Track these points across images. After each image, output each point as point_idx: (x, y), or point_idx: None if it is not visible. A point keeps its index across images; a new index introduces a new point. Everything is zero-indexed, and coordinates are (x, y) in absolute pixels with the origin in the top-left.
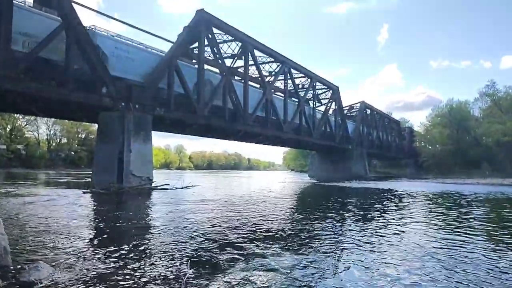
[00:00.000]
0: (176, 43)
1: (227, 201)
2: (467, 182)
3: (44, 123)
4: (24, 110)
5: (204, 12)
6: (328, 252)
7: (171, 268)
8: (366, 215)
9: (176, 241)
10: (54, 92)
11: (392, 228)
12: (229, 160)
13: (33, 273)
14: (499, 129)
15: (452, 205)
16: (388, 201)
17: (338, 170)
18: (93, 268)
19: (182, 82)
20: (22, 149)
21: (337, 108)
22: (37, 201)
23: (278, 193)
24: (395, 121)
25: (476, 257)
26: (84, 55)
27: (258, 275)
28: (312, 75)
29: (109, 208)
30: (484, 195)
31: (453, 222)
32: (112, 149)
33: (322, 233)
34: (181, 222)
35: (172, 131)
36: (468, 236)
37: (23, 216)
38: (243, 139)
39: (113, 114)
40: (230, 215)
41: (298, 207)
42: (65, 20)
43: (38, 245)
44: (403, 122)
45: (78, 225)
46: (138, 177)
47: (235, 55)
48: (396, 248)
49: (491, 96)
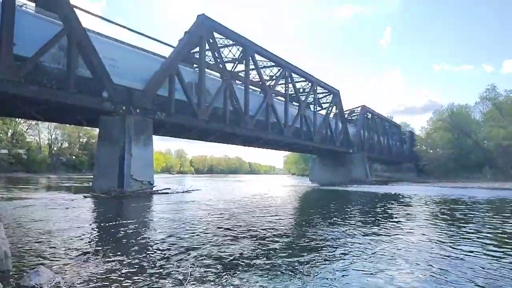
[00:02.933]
0: (177, 48)
1: (229, 206)
2: (468, 186)
3: (45, 127)
4: (25, 114)
5: (205, 17)
6: (329, 259)
7: (172, 272)
8: (367, 221)
9: (177, 244)
10: (54, 96)
11: (393, 234)
12: (229, 164)
13: (34, 278)
14: (500, 133)
15: (452, 209)
16: (389, 206)
17: (339, 174)
18: (94, 272)
19: (183, 86)
20: (24, 153)
21: (338, 112)
22: (38, 205)
23: (278, 197)
24: (396, 125)
25: (479, 263)
26: (85, 59)
27: (257, 279)
28: (313, 79)
29: (110, 212)
30: (485, 199)
31: (452, 227)
32: (113, 153)
33: (323, 238)
34: (182, 226)
35: (173, 135)
36: (469, 242)
37: (24, 221)
38: (244, 143)
39: (114, 118)
40: (232, 220)
41: (299, 212)
42: (66, 24)
43: (39, 250)
44: (404, 126)
45: (79, 229)
46: (139, 181)
47: (236, 60)
48: (398, 255)
49: (492, 100)
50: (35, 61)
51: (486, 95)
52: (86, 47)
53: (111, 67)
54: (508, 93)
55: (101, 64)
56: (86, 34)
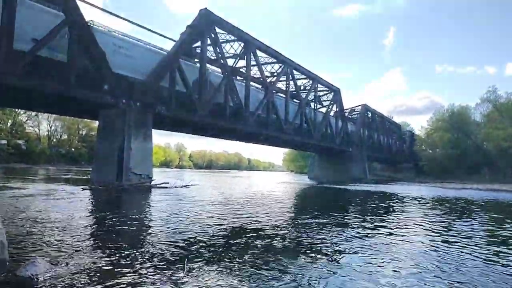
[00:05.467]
0: (179, 42)
1: (227, 201)
2: (466, 187)
3: (45, 119)
4: (25, 106)
5: (207, 11)
6: (325, 256)
7: (169, 264)
8: (364, 219)
9: (174, 238)
10: (55, 88)
11: (389, 232)
12: (229, 160)
13: (30, 268)
14: (500, 135)
15: (447, 210)
16: (386, 205)
17: (338, 172)
18: (90, 264)
19: (184, 80)
20: (23, 144)
21: (338, 110)
22: (36, 197)
23: (277, 194)
24: (396, 124)
25: (474, 263)
26: (86, 52)
27: (251, 275)
28: (314, 76)
29: (108, 205)
30: (482, 200)
31: (445, 227)
32: (112, 146)
33: (318, 236)
34: (180, 220)
35: (173, 130)
36: (462, 243)
37: (21, 211)
38: (244, 139)
39: (114, 111)
40: (230, 215)
41: (296, 209)
42: (68, 16)
43: (36, 240)
44: (404, 125)
45: (76, 221)
46: (137, 174)
47: (238, 55)
48: (394, 253)
49: (492, 101)
50: (35, 53)
51: (487, 97)
52: (87, 39)
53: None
54: (509, 95)
55: (102, 57)
56: (88, 26)
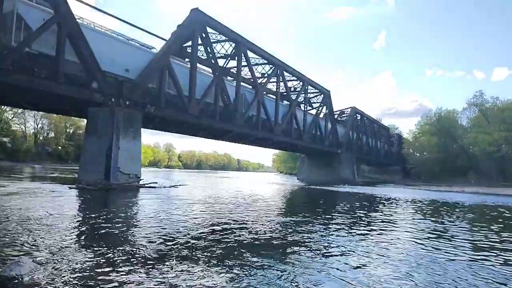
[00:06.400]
0: (169, 41)
1: (215, 202)
2: (453, 190)
3: (31, 116)
4: (12, 103)
5: (198, 11)
6: (311, 257)
7: (155, 264)
8: (349, 221)
9: (161, 237)
10: (44, 86)
11: (373, 234)
12: (218, 160)
13: (14, 268)
14: (486, 139)
15: (432, 212)
16: (372, 207)
17: (326, 174)
18: (75, 264)
19: (174, 80)
20: (8, 141)
21: (328, 112)
22: (21, 195)
23: (265, 195)
24: (384, 127)
25: (458, 265)
26: (75, 50)
27: (238, 273)
28: (305, 78)
29: (94, 204)
30: (467, 203)
31: (429, 228)
32: (100, 145)
33: (304, 236)
34: (166, 220)
35: (162, 129)
36: (445, 243)
37: (6, 211)
38: (233, 139)
39: (103, 109)
40: (217, 216)
41: (284, 209)
42: (57, 13)
43: (21, 240)
44: (392, 128)
45: (62, 221)
46: (125, 174)
47: (229, 56)
48: (377, 254)
49: (479, 106)
50: (22, 49)
51: (474, 101)
52: (76, 36)
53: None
54: (495, 100)
55: (91, 54)
56: (77, 23)
